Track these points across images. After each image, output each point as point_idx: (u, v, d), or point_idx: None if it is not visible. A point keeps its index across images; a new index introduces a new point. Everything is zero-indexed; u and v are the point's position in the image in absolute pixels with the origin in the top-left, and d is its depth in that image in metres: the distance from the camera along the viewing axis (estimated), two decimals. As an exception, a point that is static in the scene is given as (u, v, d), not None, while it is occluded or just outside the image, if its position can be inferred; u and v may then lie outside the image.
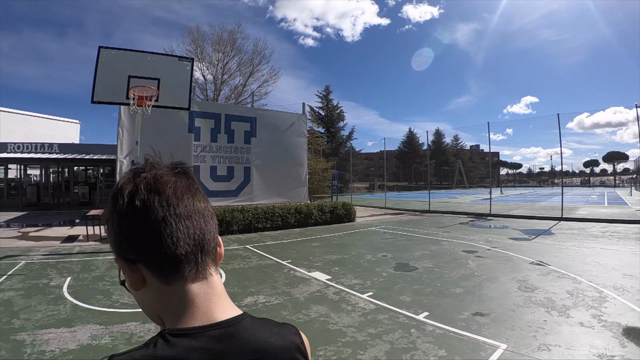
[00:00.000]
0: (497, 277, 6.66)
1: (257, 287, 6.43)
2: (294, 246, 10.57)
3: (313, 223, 14.95)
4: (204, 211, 0.72)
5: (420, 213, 19.86)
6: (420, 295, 5.66)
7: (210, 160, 15.57)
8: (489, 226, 14.21)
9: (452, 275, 6.85)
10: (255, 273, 7.47)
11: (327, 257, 8.86)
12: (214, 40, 35.13)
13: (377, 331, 4.32)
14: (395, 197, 34.10)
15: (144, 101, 9.55)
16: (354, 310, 5.08)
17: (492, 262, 7.93)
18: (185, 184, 0.71)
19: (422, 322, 4.57)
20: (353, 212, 16.54)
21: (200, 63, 34.46)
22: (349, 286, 6.34)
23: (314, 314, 5.00)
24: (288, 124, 17.84)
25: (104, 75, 9.55)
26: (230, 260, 8.74)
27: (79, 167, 27.43)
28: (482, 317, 4.69)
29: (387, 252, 9.39)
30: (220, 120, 15.86)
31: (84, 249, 10.17)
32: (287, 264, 8.18)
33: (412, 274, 7.11)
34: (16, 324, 4.80)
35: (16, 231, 13.41)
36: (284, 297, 5.84)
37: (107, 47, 9.70)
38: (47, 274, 7.50)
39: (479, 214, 18.13)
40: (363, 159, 58.49)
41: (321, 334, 4.33)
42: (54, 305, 5.58)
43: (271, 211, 14.06)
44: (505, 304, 5.18)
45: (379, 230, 13.38)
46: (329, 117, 49.93)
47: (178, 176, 0.71)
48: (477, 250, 9.27)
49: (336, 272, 7.42)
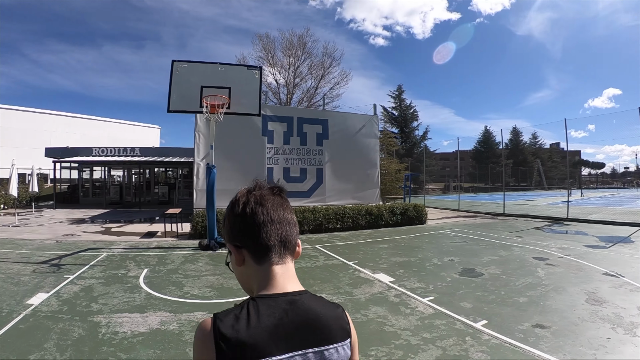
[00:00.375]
0: (565, 287, 6.44)
1: (320, 286, 6.75)
2: (362, 247, 10.76)
3: (383, 225, 15.00)
4: (290, 220, 1.07)
5: (493, 216, 19.22)
6: (482, 303, 5.65)
7: (283, 162, 16.07)
8: (565, 232, 13.51)
9: (518, 284, 6.71)
10: (321, 272, 7.79)
11: (394, 260, 8.98)
12: (284, 45, 36.10)
13: (432, 336, 4.43)
14: (469, 198, 33.10)
15: (216, 109, 10.16)
16: (412, 314, 5.22)
17: (562, 271, 7.63)
18: (279, 201, 1.08)
19: (478, 330, 4.61)
20: (424, 215, 16.38)
21: (272, 68, 35.53)
22: (411, 289, 6.46)
23: (372, 315, 5.21)
24: (360, 125, 17.92)
25: (178, 86, 10.37)
26: (298, 259, 9.06)
27: (159, 169, 29.24)
28: (543, 329, 4.61)
29: (454, 256, 9.32)
30: (292, 123, 16.30)
31: (162, 244, 11.04)
32: (353, 265, 8.41)
33: (476, 280, 7.05)
34: (94, 308, 5.57)
35: (100, 226, 14.79)
36: (345, 297, 6.10)
37: (179, 60, 10.57)
38: (125, 265, 8.40)
39: (555, 218, 17.21)
40: (438, 159, 57.06)
41: (376, 335, 4.54)
42: (130, 293, 6.32)
43: (342, 212, 14.31)
44: (569, 317, 5.04)
45: (449, 234, 13.22)
46: (402, 117, 49.14)
47: (275, 195, 1.09)
48: (549, 257, 8.92)
49: (400, 274, 7.55)
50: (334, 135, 17.06)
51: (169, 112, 10.36)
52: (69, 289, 6.52)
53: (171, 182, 28.67)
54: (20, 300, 5.85)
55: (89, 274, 7.56)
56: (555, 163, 60.93)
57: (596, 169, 79.89)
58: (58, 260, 8.76)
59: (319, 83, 37.04)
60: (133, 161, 24.99)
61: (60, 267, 8.14)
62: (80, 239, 11.64)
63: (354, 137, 17.62)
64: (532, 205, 24.80)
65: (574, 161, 65.16)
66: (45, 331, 4.68)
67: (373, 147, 18.41)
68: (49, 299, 5.96)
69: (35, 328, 4.77)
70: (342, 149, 17.14)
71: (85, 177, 28.09)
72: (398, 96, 50.40)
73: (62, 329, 4.73)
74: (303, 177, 16.39)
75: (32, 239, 11.54)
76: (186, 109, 10.54)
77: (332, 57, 36.90)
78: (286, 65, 36.09)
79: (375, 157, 18.54)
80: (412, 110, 50.03)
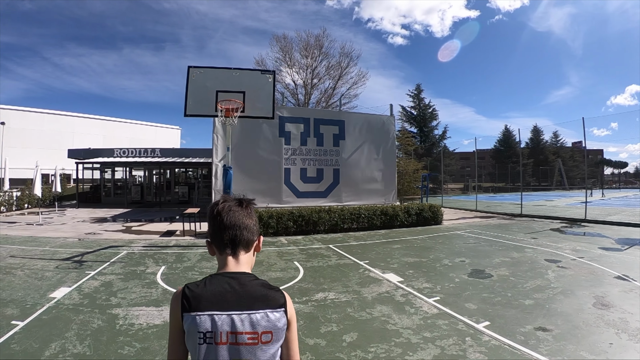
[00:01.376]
0: (574, 290, 6.43)
1: (330, 285, 6.91)
2: (375, 247, 10.86)
3: (398, 225, 15.03)
4: (245, 225, 1.42)
5: (510, 217, 19.02)
6: (487, 304, 5.72)
7: (300, 163, 16.27)
8: (582, 233, 13.32)
9: (526, 286, 6.74)
10: (332, 271, 7.94)
11: (405, 260, 9.07)
12: (301, 46, 36.36)
13: (432, 335, 4.54)
14: (487, 199, 32.73)
15: (230, 112, 10.42)
16: (416, 313, 5.33)
17: (573, 273, 7.60)
18: (239, 210, 1.43)
19: (480, 331, 4.69)
20: (440, 215, 16.35)
21: (289, 69, 35.82)
22: (418, 289, 6.56)
23: (376, 313, 5.35)
24: (376, 125, 18.01)
25: (194, 91, 10.72)
26: (311, 258, 9.32)
27: (179, 169, 29.73)
28: (545, 332, 4.65)
29: (465, 257, 9.36)
30: (309, 124, 16.49)
31: (180, 242, 11.34)
32: (364, 264, 8.54)
33: (485, 281, 7.11)
34: (113, 301, 5.92)
35: (121, 225, 15.21)
36: (352, 296, 6.25)
37: (195, 66, 10.95)
38: (144, 262, 8.74)
39: (573, 220, 16.94)
40: (459, 159, 56.39)
41: (378, 332, 4.69)
42: (147, 289, 6.64)
43: (357, 212, 14.40)
44: (574, 320, 5.05)
45: (463, 235, 13.20)
46: (421, 117, 48.93)
47: (238, 206, 1.44)
48: (561, 260, 8.87)
49: (409, 274, 7.65)
50: (351, 136, 17.19)
51: (186, 116, 10.71)
52: (90, 284, 6.88)
53: (191, 182, 29.11)
54: (43, 294, 6.22)
55: (109, 270, 7.91)
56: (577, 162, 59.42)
57: (619, 168, 77.67)
58: (80, 257, 9.14)
59: (336, 83, 37.30)
60: (153, 162, 25.52)
61: (82, 263, 8.50)
62: (101, 237, 12.04)
63: (371, 137, 17.71)
64: (551, 206, 24.45)
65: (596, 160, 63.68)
66: (67, 322, 5.00)
67: (390, 148, 18.49)
68: (70, 292, 6.32)
69: (57, 319, 5.11)
70: (358, 150, 17.26)
71: (107, 178, 28.79)
72: (417, 95, 50.21)
73: (82, 320, 5.06)
74: (320, 177, 16.56)
75: (56, 237, 11.99)
76: (202, 113, 10.86)
77: (349, 57, 37.12)
78: (304, 66, 36.37)
79: (392, 157, 18.63)
80: (431, 109, 49.84)
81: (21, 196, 22.07)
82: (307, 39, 36.56)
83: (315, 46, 36.34)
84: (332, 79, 37.23)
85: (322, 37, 36.78)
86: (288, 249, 10.68)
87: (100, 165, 27.41)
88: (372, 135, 17.74)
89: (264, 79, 11.29)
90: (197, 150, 26.43)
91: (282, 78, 36.28)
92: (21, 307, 5.56)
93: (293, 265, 8.51)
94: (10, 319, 5.06)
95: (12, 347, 4.25)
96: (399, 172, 22.45)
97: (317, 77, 36.93)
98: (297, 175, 16.12)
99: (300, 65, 36.37)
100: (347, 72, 37.24)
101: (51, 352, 4.14)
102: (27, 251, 9.78)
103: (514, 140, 58.66)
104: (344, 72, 37.07)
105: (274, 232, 12.92)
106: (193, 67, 10.80)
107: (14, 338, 4.49)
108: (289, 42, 36.50)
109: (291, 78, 36.47)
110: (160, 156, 25.97)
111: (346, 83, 37.47)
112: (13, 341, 4.41)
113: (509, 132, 60.31)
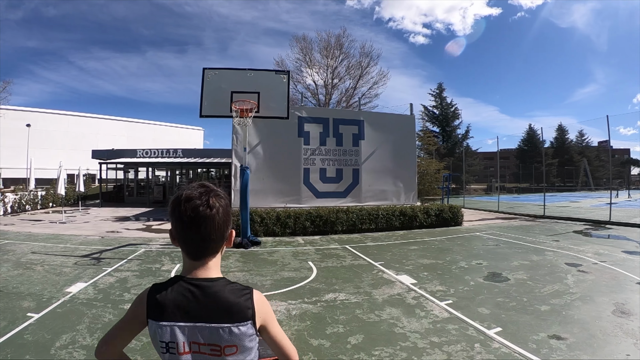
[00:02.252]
0: (593, 296, 6.19)
1: (341, 285, 6.87)
2: (392, 248, 10.75)
3: (417, 226, 14.86)
4: (213, 227, 1.27)
5: (533, 218, 18.57)
6: (501, 309, 5.56)
7: (319, 163, 16.21)
8: (606, 236, 12.90)
9: (544, 291, 6.53)
10: (345, 272, 7.89)
11: (420, 261, 8.94)
12: (321, 46, 36.36)
13: (440, 340, 4.44)
14: (510, 199, 32.04)
15: (245, 113, 10.48)
16: (426, 317, 5.23)
17: (593, 278, 7.34)
18: (206, 209, 1.26)
19: (490, 337, 4.56)
20: (460, 216, 16.08)
21: (310, 69, 35.85)
22: (431, 292, 6.44)
23: (385, 316, 5.28)
24: (396, 125, 17.83)
25: (209, 92, 10.88)
26: (325, 258, 9.29)
27: (201, 169, 30.08)
28: (558, 340, 4.47)
29: (483, 259, 9.16)
30: (328, 124, 16.41)
31: (197, 241, 11.42)
32: (378, 266, 8.45)
33: (501, 285, 6.93)
34: (126, 297, 6.08)
35: (142, 224, 15.49)
36: (363, 297, 6.19)
37: (210, 68, 11.13)
38: (160, 260, 8.92)
39: (597, 222, 16.41)
40: (482, 159, 55.44)
41: (384, 335, 4.62)
42: None
43: (375, 213, 14.29)
44: (591, 329, 4.84)
45: (482, 236, 12.94)
46: (443, 116, 48.13)
47: (204, 202, 1.27)
48: (582, 263, 8.58)
49: (423, 277, 7.53)
50: (371, 136, 17.02)
51: (201, 117, 10.85)
52: (106, 280, 7.06)
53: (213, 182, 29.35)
54: (60, 289, 6.43)
55: (125, 267, 8.09)
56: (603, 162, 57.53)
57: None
58: (99, 254, 9.36)
59: (357, 83, 37.19)
60: (175, 162, 25.88)
61: (100, 260, 8.71)
62: (121, 236, 12.27)
63: (391, 137, 17.50)
64: (575, 207, 23.80)
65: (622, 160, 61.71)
66: (79, 315, 5.19)
67: (410, 147, 18.29)
68: (86, 288, 6.51)
69: (70, 312, 5.32)
70: (378, 150, 17.08)
71: (130, 177, 29.41)
72: (439, 94, 49.45)
73: (94, 314, 5.24)
74: (339, 177, 16.47)
75: (77, 234, 12.28)
76: (217, 113, 10.99)
77: (369, 56, 36.94)
78: (324, 66, 36.35)
79: (412, 157, 18.43)
80: (454, 108, 49.00)
81: (46, 195, 22.73)
82: (328, 39, 36.58)
83: (335, 46, 36.31)
84: (353, 79, 37.16)
85: (342, 37, 36.75)
86: (304, 249, 10.67)
87: (124, 166, 28.00)
88: (392, 135, 17.53)
89: (278, 79, 11.33)
90: (219, 150, 26.73)
91: (303, 79, 36.47)
92: (37, 301, 5.78)
93: (307, 266, 8.48)
94: (26, 311, 5.30)
95: (25, 338, 4.46)
96: (420, 172, 22.23)
97: (337, 77, 36.90)
98: (316, 176, 16.08)
99: (320, 65, 36.41)
100: (368, 71, 37.13)
101: (61, 343, 4.31)
102: (48, 248, 10.05)
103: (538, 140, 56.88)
104: (364, 71, 36.96)
105: (291, 232, 12.93)
106: (208, 68, 10.95)
107: (28, 329, 4.71)
108: (308, 43, 36.60)
109: (311, 78, 36.59)
110: (182, 156, 26.37)
111: (367, 83, 37.38)
112: (27, 332, 4.62)
113: (533, 132, 58.76)
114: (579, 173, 55.15)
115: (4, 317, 5.08)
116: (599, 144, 61.19)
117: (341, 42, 36.51)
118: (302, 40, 36.62)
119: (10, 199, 19.43)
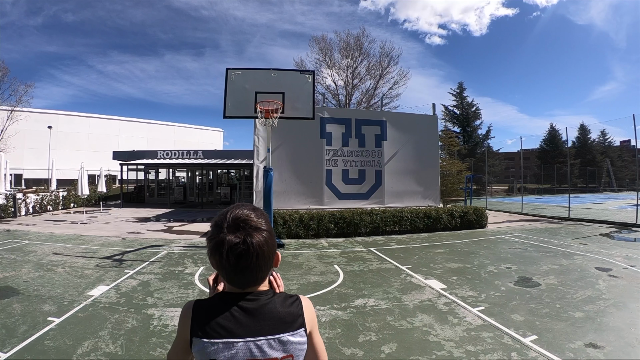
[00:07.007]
0: (626, 303, 6.03)
1: (370, 290, 6.78)
2: (418, 251, 10.63)
3: (442, 228, 14.68)
4: (260, 266, 1.22)
5: (558, 220, 18.17)
6: (535, 316, 5.44)
7: (342, 164, 16.10)
8: (633, 239, 12.58)
9: (576, 296, 6.37)
10: (373, 276, 7.81)
11: (448, 265, 8.83)
12: (341, 47, 36.22)
13: (476, 349, 4.34)
14: (533, 201, 31.42)
15: (270, 114, 10.43)
16: (459, 324, 5.13)
17: (625, 283, 7.14)
18: (251, 246, 1.19)
19: (526, 346, 4.46)
20: (485, 218, 15.84)
21: (330, 70, 35.74)
22: (462, 298, 6.34)
23: (417, 323, 5.19)
24: (419, 125, 17.63)
25: (233, 93, 10.83)
26: (351, 262, 9.21)
27: (221, 170, 30.25)
28: (596, 349, 4.35)
29: (511, 263, 8.99)
30: (350, 125, 16.30)
31: (219, 243, 11.41)
32: (406, 270, 8.36)
33: (532, 290, 6.79)
34: (149, 301, 6.04)
35: (163, 225, 15.60)
36: (393, 303, 6.11)
37: (233, 68, 11.02)
38: (183, 262, 8.91)
39: (624, 224, 15.98)
40: (503, 159, 54.52)
41: (418, 344, 4.54)
42: (184, 289, 6.74)
43: (399, 215, 14.17)
44: (627, 337, 4.70)
45: (508, 239, 12.72)
46: (464, 116, 47.26)
47: (248, 236, 1.20)
48: (612, 268, 8.36)
49: (453, 281, 7.42)
50: (393, 137, 16.85)
51: (225, 118, 10.84)
52: (128, 283, 7.08)
53: (233, 183, 29.51)
54: (82, 292, 6.46)
55: (148, 269, 8.12)
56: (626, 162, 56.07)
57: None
58: (120, 256, 9.45)
59: (377, 83, 36.87)
60: (195, 163, 26.07)
61: (122, 262, 8.78)
62: (143, 237, 12.39)
63: (413, 137, 17.28)
64: (600, 209, 23.24)
65: (645, 160, 60.06)
66: (102, 320, 5.15)
67: (433, 148, 18.08)
68: (108, 291, 6.53)
69: (92, 317, 5.28)
70: (400, 150, 16.90)
71: (151, 178, 29.76)
72: (459, 94, 48.55)
73: (117, 320, 5.19)
74: (362, 179, 16.33)
75: (99, 235, 12.45)
76: (241, 114, 10.93)
77: (389, 56, 36.60)
78: (344, 67, 36.20)
79: (435, 158, 18.22)
80: (474, 108, 48.05)
81: (67, 196, 23.11)
82: (347, 39, 36.40)
83: (355, 46, 36.12)
84: (373, 79, 36.85)
85: (362, 37, 36.53)
86: (328, 251, 10.61)
87: (144, 167, 28.32)
88: (415, 136, 17.32)
89: (303, 79, 11.27)
90: (239, 151, 26.83)
91: (323, 79, 36.29)
92: (58, 304, 5.79)
93: (333, 269, 8.42)
94: (47, 315, 5.29)
95: (45, 344, 4.41)
96: (442, 173, 21.94)
97: (357, 77, 36.65)
98: (338, 177, 15.98)
99: (340, 66, 36.25)
100: (388, 71, 36.73)
101: (83, 350, 4.25)
102: (69, 249, 10.20)
103: (560, 140, 55.67)
104: (385, 71, 36.59)
105: (314, 234, 12.89)
106: (231, 68, 10.89)
107: (49, 334, 4.67)
108: (327, 44, 36.48)
109: (332, 79, 36.41)
110: (202, 158, 26.56)
111: (387, 83, 36.97)
112: (47, 337, 4.58)
113: (554, 131, 57.59)
114: (602, 174, 53.79)
115: (24, 321, 5.08)
116: (621, 143, 59.70)
117: (361, 42, 36.32)
118: (322, 41, 36.55)
119: (32, 200, 19.82)
